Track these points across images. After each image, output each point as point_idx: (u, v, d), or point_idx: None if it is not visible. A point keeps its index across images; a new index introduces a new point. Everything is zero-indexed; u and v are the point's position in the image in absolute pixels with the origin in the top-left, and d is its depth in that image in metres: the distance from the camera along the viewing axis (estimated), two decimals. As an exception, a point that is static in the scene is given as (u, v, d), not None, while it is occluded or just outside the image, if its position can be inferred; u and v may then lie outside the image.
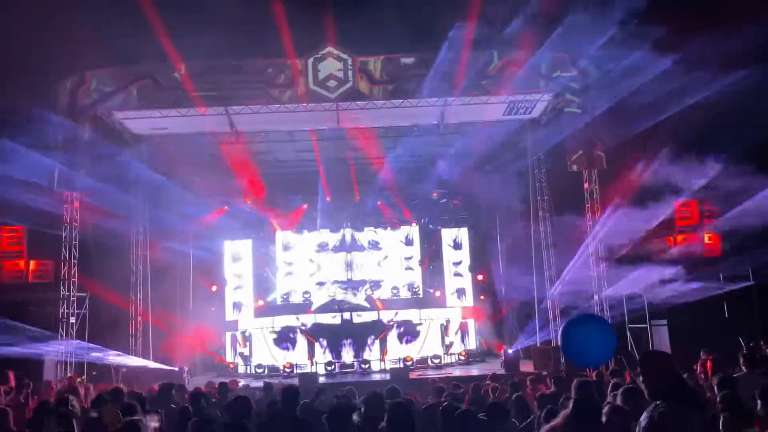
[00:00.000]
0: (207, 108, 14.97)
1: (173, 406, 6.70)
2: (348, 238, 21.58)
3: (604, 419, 3.36)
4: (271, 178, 20.29)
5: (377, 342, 17.69)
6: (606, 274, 15.58)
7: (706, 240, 16.25)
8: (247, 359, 18.28)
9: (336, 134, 17.22)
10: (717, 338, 13.33)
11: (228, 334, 19.24)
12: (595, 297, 15.23)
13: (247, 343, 18.43)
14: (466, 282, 21.31)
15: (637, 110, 14.62)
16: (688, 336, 15.05)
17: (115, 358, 15.00)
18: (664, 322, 16.08)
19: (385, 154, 19.09)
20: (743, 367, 6.26)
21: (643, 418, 3.09)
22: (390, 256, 21.64)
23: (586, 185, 15.53)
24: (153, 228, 17.32)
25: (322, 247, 21.50)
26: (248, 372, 17.82)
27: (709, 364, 8.99)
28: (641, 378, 3.22)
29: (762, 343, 12.98)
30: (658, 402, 3.00)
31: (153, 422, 3.14)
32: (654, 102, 14.03)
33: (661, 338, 16.58)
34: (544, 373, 12.80)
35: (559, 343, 3.62)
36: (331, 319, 18.59)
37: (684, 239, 16.34)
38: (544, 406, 5.18)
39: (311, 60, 14.87)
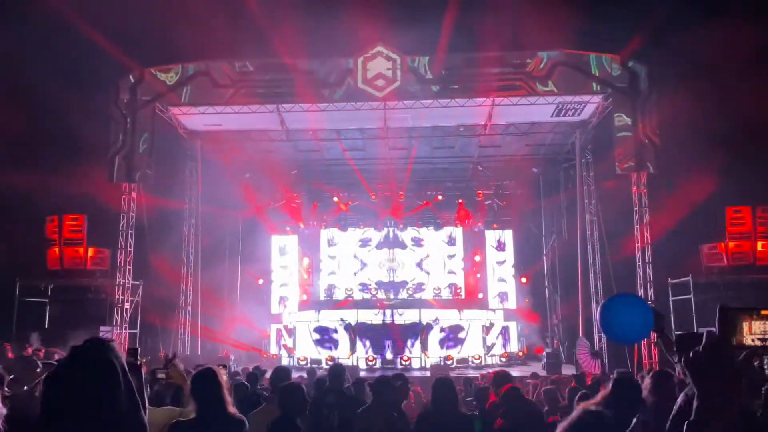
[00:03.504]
0: (259, 106, 15.44)
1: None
2: (391, 236, 21.86)
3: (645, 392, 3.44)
4: (318, 176, 20.74)
5: (418, 343, 17.84)
6: (653, 279, 15.33)
7: (759, 248, 15.78)
8: (291, 350, 18.68)
9: (382, 133, 17.44)
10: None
11: (273, 327, 19.70)
12: (641, 301, 14.98)
13: (292, 336, 18.83)
14: (510, 284, 21.28)
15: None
16: (738, 345, 14.67)
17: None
18: (714, 329, 15.69)
19: (431, 153, 19.24)
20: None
21: (680, 398, 3.17)
22: (432, 255, 21.78)
23: (634, 189, 15.32)
24: (204, 221, 17.92)
25: (365, 242, 21.79)
26: (291, 364, 18.18)
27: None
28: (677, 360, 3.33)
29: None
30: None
31: (223, 374, 3.34)
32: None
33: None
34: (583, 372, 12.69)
35: (598, 321, 3.82)
36: (374, 316, 18.85)
37: (735, 246, 15.90)
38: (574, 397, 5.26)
39: (361, 59, 15.15)
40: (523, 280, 21.04)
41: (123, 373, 1.74)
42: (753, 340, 1.50)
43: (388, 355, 17.77)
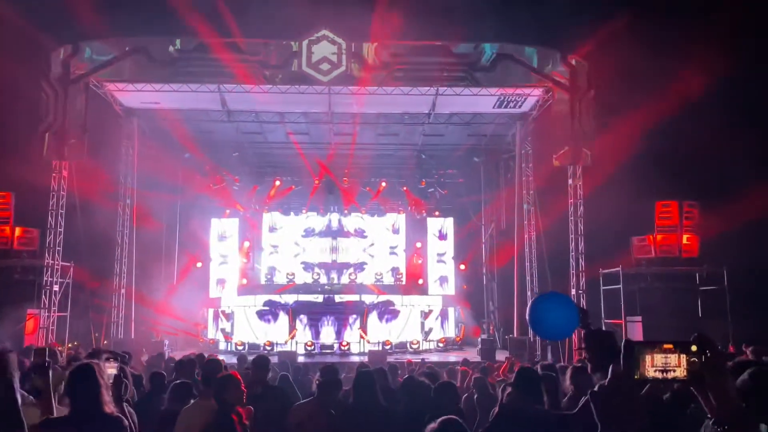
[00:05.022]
0: (199, 85, 15.06)
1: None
2: (334, 224, 21.80)
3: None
4: (261, 158, 20.47)
5: (358, 322, 18.00)
6: (585, 269, 15.87)
7: (685, 241, 16.54)
8: (228, 336, 18.49)
9: (327, 118, 17.33)
10: (689, 337, 13.67)
11: (210, 311, 19.43)
12: (572, 291, 15.52)
13: (230, 321, 18.63)
14: (449, 270, 21.60)
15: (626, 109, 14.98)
16: (661, 333, 15.40)
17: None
18: (639, 318, 16.41)
19: (375, 140, 19.24)
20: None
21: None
22: (376, 243, 21.88)
23: (570, 181, 15.76)
24: (140, 201, 17.41)
25: (308, 232, 21.71)
26: (228, 349, 18.03)
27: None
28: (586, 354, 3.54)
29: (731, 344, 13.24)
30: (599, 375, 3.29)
31: (111, 368, 3.27)
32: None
33: (635, 335, 16.91)
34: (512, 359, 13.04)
35: (527, 317, 4.17)
36: (314, 298, 18.93)
37: (663, 239, 16.62)
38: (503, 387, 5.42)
39: (306, 42, 14.96)
40: (462, 266, 21.43)
41: (8, 387, 1.65)
42: (655, 372, 1.58)
43: (328, 339, 17.85)
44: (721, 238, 15.82)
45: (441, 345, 18.91)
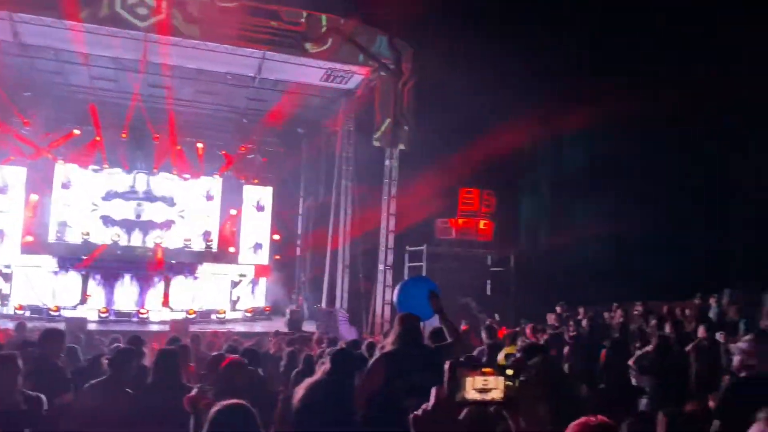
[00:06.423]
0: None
1: None
2: (141, 185, 19.93)
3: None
4: (60, 103, 18.21)
5: (162, 285, 17.09)
6: (394, 246, 16.65)
7: (481, 226, 18.13)
8: (5, 298, 16.39)
9: (141, 67, 15.90)
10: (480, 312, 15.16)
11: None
12: (380, 266, 16.21)
13: (8, 282, 16.50)
14: (264, 239, 21.16)
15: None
16: (456, 309, 16.76)
17: None
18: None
19: (194, 97, 18.15)
20: (485, 338, 7.21)
21: None
22: (186, 209, 20.49)
23: (387, 161, 16.34)
24: None
25: (110, 195, 19.61)
26: (5, 312, 16.02)
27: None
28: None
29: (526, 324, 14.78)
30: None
31: None
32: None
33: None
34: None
35: (395, 299, 4.54)
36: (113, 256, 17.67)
37: (464, 223, 18.05)
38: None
39: (121, -20, 13.52)
40: (276, 236, 21.26)
41: None
42: (474, 394, 1.64)
43: (126, 303, 16.71)
44: (511, 226, 17.62)
45: (249, 315, 18.65)
